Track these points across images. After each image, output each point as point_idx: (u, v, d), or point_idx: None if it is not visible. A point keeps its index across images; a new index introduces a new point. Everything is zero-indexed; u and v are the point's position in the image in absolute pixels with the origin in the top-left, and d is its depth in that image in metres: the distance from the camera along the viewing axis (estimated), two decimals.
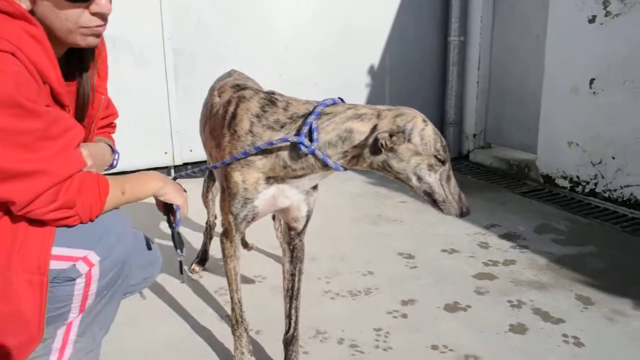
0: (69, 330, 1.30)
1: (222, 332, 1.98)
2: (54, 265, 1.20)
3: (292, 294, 1.67)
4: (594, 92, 3.39)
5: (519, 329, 2.01)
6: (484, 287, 2.33)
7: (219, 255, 1.82)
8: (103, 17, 1.23)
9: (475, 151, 4.58)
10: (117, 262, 1.28)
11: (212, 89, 1.90)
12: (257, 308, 2.12)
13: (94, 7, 1.20)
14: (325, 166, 1.40)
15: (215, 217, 2.48)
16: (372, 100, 4.51)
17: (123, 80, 3.69)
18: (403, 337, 1.96)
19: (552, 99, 3.69)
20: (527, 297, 2.23)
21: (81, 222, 1.21)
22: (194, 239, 2.84)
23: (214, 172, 1.96)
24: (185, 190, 1.48)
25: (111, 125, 1.64)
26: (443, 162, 1.36)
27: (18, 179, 1.10)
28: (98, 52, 1.41)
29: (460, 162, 4.55)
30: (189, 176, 1.79)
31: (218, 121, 1.61)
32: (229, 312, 1.85)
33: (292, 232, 1.61)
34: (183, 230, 3.00)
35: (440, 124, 4.79)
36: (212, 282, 2.38)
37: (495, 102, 4.51)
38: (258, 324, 2.01)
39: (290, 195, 1.51)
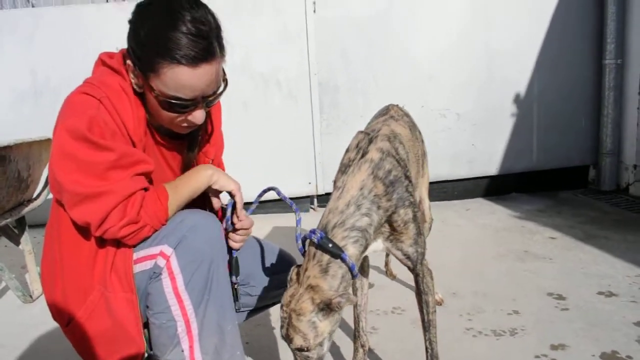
0: (192, 345, 1.35)
1: (346, 346, 2.01)
2: (142, 267, 1.33)
3: (423, 326, 1.67)
4: None
5: None
6: None
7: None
8: (195, 124, 1.39)
9: (636, 184, 4.17)
10: (197, 253, 1.32)
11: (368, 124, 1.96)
12: (397, 340, 2.12)
13: (189, 117, 1.36)
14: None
15: None
16: (518, 129, 4.33)
17: (272, 114, 3.96)
18: None
19: None
20: None
21: (155, 230, 1.33)
22: None
23: None
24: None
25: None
26: None
27: (89, 201, 1.25)
28: (209, 122, 1.55)
29: (618, 196, 4.17)
30: None
31: None
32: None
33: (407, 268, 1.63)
34: None
35: (595, 155, 4.47)
36: None
37: None
38: (398, 356, 2.00)
39: (378, 241, 1.52)
